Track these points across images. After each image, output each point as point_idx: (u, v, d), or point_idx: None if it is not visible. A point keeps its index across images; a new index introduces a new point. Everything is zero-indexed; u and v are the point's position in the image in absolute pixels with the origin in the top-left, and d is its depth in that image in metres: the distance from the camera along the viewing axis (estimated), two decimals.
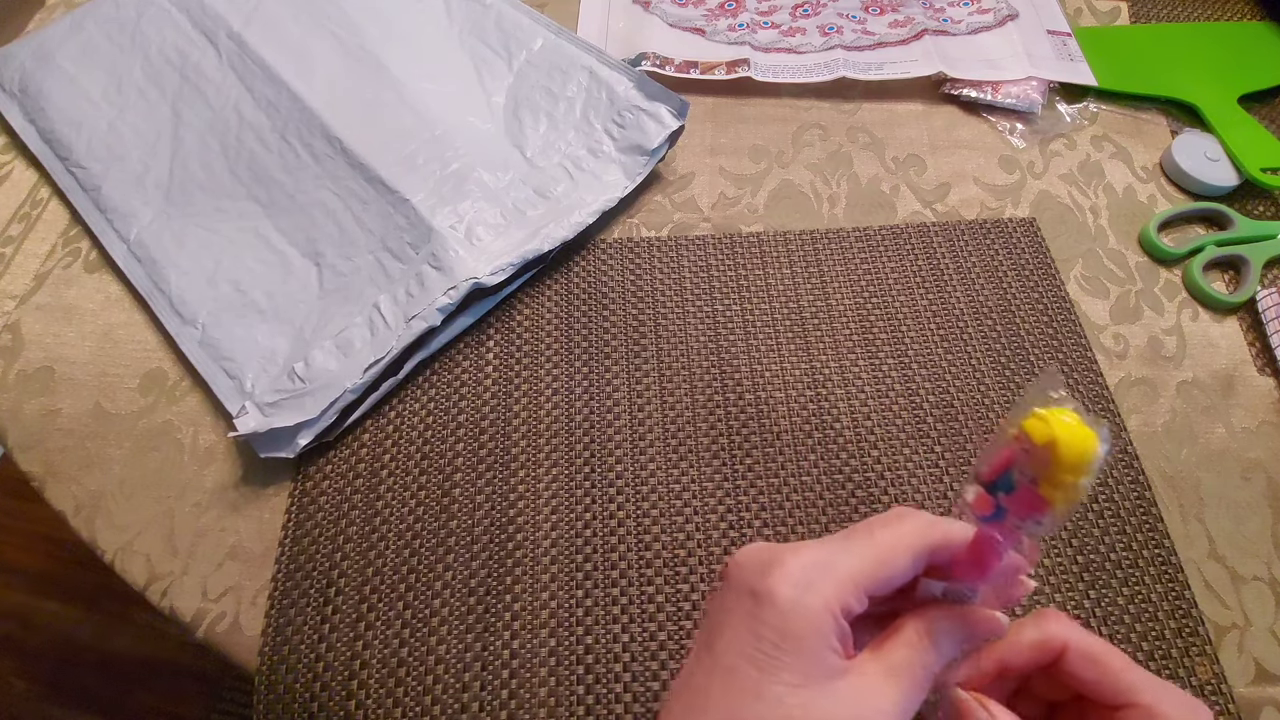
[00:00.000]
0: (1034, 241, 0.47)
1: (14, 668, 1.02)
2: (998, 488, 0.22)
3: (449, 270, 0.41)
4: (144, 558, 0.37)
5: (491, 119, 0.50)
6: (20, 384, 0.42)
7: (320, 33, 0.52)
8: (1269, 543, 0.37)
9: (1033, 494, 0.21)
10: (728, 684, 0.22)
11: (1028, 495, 0.21)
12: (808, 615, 0.22)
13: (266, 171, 0.47)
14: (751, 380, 0.42)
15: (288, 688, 0.34)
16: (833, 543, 0.24)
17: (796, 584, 0.22)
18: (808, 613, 0.22)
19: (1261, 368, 0.43)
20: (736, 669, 0.22)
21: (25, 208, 0.49)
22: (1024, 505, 0.22)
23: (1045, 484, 0.21)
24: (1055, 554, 0.36)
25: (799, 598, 0.22)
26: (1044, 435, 0.21)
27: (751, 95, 0.54)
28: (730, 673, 0.22)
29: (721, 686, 0.22)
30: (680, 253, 0.46)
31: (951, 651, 0.24)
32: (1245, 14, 0.59)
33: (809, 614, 0.22)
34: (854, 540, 0.24)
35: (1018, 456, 0.22)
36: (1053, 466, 0.21)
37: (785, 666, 0.21)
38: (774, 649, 0.22)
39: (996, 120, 0.53)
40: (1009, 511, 0.22)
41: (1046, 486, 0.21)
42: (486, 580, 0.36)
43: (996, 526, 0.23)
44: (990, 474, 0.22)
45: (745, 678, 0.22)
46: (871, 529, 0.24)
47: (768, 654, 0.22)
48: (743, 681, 0.22)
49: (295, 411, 0.38)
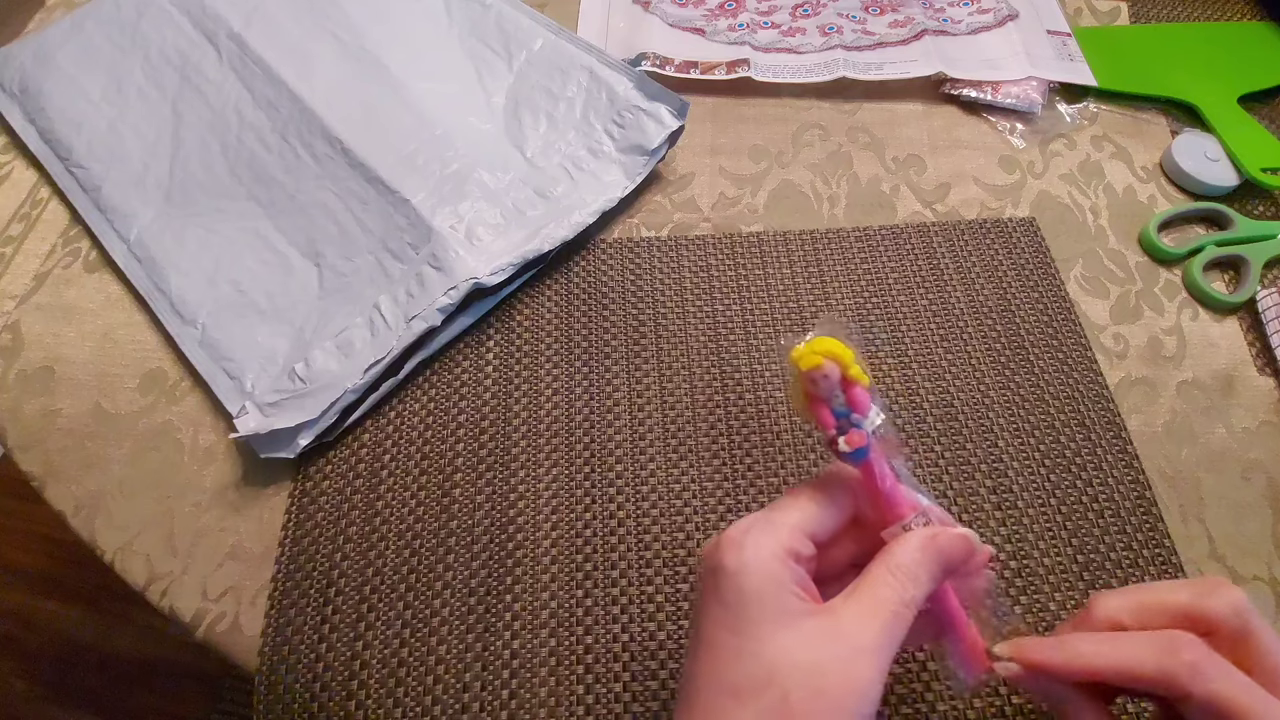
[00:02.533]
0: (1034, 241, 0.47)
1: (14, 668, 1.02)
2: (840, 418, 0.26)
3: (449, 270, 0.41)
4: (144, 558, 0.37)
5: (491, 119, 0.50)
6: (20, 384, 0.42)
7: (320, 33, 0.52)
8: (1269, 543, 0.37)
9: (852, 390, 0.25)
10: (713, 657, 0.23)
11: (853, 395, 0.25)
12: (757, 568, 0.23)
13: (267, 172, 0.47)
14: (751, 380, 0.42)
15: (288, 688, 0.34)
16: (769, 506, 0.26)
17: (740, 545, 0.24)
18: (756, 565, 0.23)
19: (1261, 368, 0.43)
20: (715, 640, 0.23)
21: (25, 208, 0.49)
22: (859, 402, 0.25)
23: (849, 376, 0.25)
24: (1055, 554, 0.37)
25: (744, 556, 0.24)
26: (816, 353, 0.25)
27: (751, 95, 0.54)
28: (711, 646, 0.23)
29: (709, 662, 0.23)
30: (680, 253, 0.46)
31: (928, 581, 0.24)
32: (1245, 14, 0.59)
33: (758, 566, 0.23)
34: (785, 498, 0.26)
35: (821, 389, 0.25)
36: (839, 360, 0.25)
37: (751, 620, 0.23)
38: (736, 607, 0.23)
39: (996, 120, 0.53)
40: (853, 412, 0.25)
41: (853, 374, 0.25)
42: (487, 580, 0.36)
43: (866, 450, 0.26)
44: (829, 418, 0.26)
45: (723, 645, 0.23)
46: (797, 487, 0.26)
47: (733, 614, 0.23)
48: (722, 650, 0.23)
49: (296, 412, 0.38)
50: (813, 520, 0.25)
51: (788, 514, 0.25)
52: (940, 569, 0.25)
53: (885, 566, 0.24)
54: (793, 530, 0.24)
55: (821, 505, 0.26)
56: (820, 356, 0.25)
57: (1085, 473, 0.39)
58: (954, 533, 0.25)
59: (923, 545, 0.25)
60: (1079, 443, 0.40)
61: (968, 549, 0.25)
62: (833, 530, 0.26)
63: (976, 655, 0.26)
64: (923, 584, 0.24)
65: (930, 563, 0.24)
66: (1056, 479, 0.39)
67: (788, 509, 0.25)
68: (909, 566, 0.24)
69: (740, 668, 0.23)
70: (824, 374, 0.25)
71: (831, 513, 0.26)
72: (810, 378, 0.25)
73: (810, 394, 0.26)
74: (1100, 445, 0.40)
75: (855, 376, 0.25)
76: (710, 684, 0.23)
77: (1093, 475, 0.39)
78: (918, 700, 0.33)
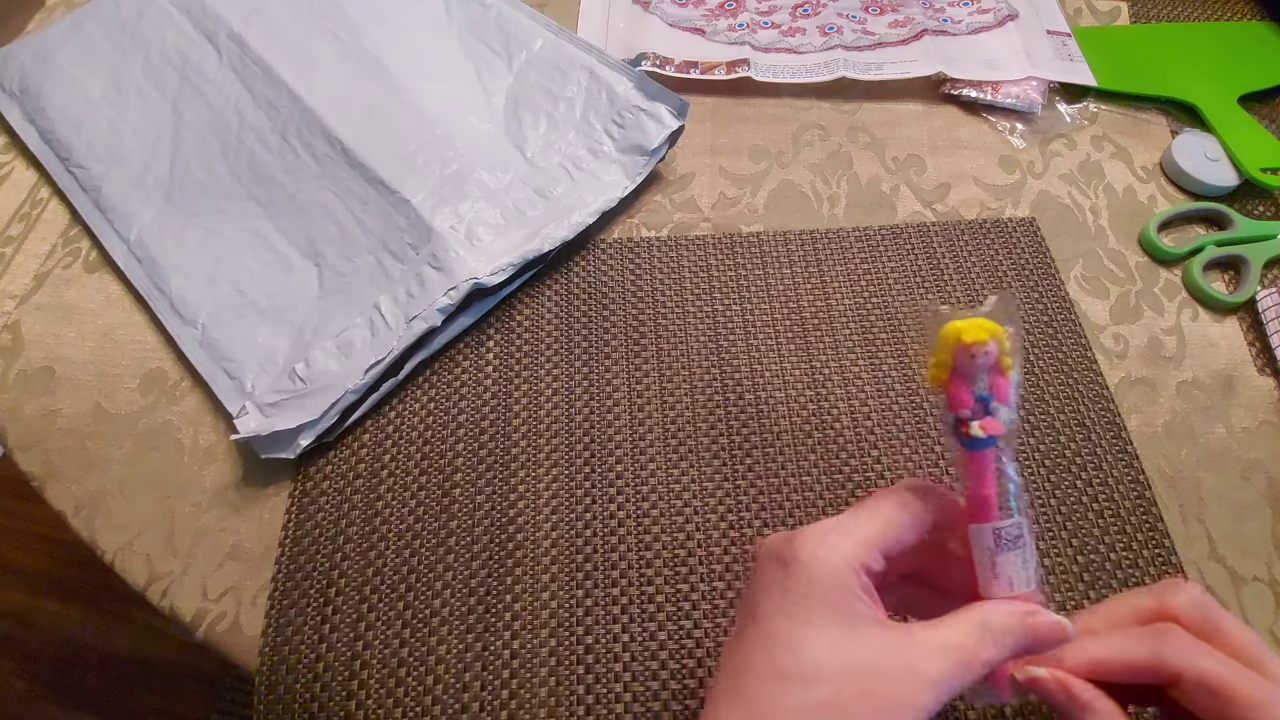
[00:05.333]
0: (1034, 241, 0.47)
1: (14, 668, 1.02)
2: (979, 402, 0.25)
3: (449, 271, 0.41)
4: (144, 558, 0.37)
5: (491, 119, 0.50)
6: (20, 384, 0.42)
7: (320, 33, 0.52)
8: (1269, 543, 0.37)
9: (1001, 378, 0.25)
10: (768, 642, 0.23)
11: (999, 383, 0.25)
12: (829, 567, 0.24)
13: (267, 172, 0.47)
14: (751, 380, 0.42)
15: (288, 688, 0.34)
16: (845, 513, 0.26)
17: (816, 544, 0.24)
18: (829, 565, 0.24)
19: (1261, 368, 0.43)
20: (776, 628, 0.24)
21: (25, 208, 0.49)
22: (1003, 391, 0.25)
23: (1000, 363, 0.24)
24: (1055, 554, 0.37)
25: (819, 553, 0.24)
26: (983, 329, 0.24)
27: (751, 95, 0.54)
28: (769, 632, 0.24)
29: (763, 646, 0.24)
30: (680, 253, 0.46)
31: (1010, 651, 0.24)
32: (1245, 14, 0.59)
33: (830, 566, 0.24)
34: (863, 508, 0.26)
35: (974, 367, 0.24)
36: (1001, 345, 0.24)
37: (813, 612, 0.23)
38: (802, 599, 0.23)
39: (996, 120, 0.53)
40: (994, 399, 0.25)
41: (1005, 362, 0.24)
42: (487, 580, 0.36)
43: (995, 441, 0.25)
44: (969, 398, 0.25)
45: (780, 632, 0.23)
46: (876, 497, 0.26)
47: (797, 604, 0.23)
48: (779, 636, 0.23)
49: (296, 412, 0.38)
50: (890, 536, 0.25)
51: (866, 525, 0.25)
52: (1026, 646, 0.24)
53: (978, 619, 0.24)
54: (870, 544, 0.24)
55: (901, 521, 0.25)
56: (986, 333, 0.24)
57: (1085, 473, 0.39)
58: (1054, 619, 0.25)
59: (1022, 620, 0.24)
60: (1079, 443, 0.40)
61: (1059, 637, 0.25)
62: (905, 548, 0.26)
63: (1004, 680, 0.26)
64: (1004, 651, 0.24)
65: (1022, 635, 0.24)
66: (1056, 479, 0.39)
67: (867, 519, 0.25)
68: (998, 631, 0.24)
69: (794, 655, 0.23)
70: (985, 351, 0.24)
71: (909, 531, 0.25)
72: (970, 352, 0.24)
73: (959, 369, 0.25)
74: (1100, 445, 0.40)
75: (1007, 366, 0.25)
76: (762, 667, 0.23)
77: (1093, 475, 0.39)
78: None
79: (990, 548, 0.25)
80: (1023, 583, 0.25)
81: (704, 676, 0.34)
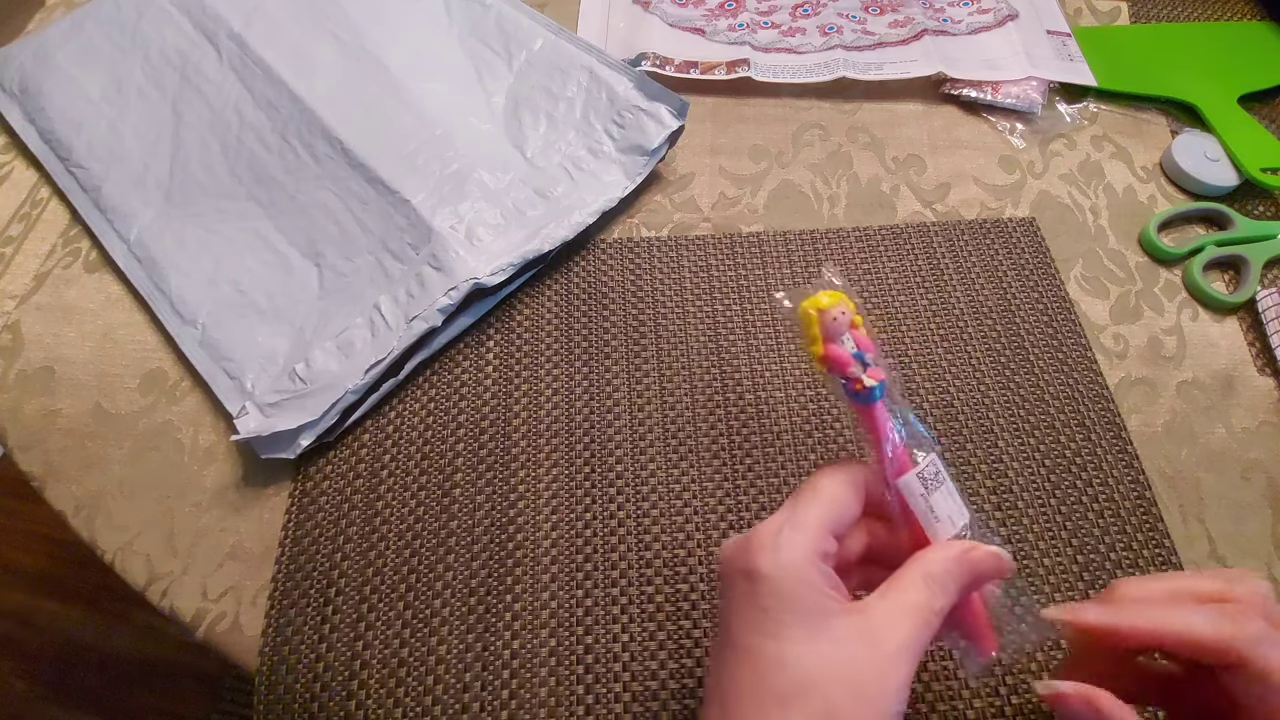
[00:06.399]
0: (1034, 241, 0.47)
1: (14, 668, 1.02)
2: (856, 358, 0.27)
3: (449, 271, 0.41)
4: (144, 558, 0.37)
5: (491, 119, 0.50)
6: (20, 384, 0.42)
7: (320, 33, 0.52)
8: (1269, 543, 0.37)
9: (857, 332, 0.27)
10: (754, 664, 0.23)
11: (859, 338, 0.27)
12: (793, 571, 0.24)
13: (267, 172, 0.47)
14: (751, 380, 0.42)
15: (288, 688, 0.34)
16: (787, 505, 0.26)
17: (773, 549, 0.24)
18: (793, 569, 0.24)
19: (1261, 368, 0.43)
20: (753, 647, 0.24)
21: (25, 208, 0.49)
22: (865, 343, 0.27)
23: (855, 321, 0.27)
24: (1055, 554, 0.37)
25: (778, 560, 0.24)
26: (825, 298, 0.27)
27: (751, 95, 0.54)
28: (750, 652, 0.24)
29: (750, 669, 0.23)
30: (680, 253, 0.46)
31: (956, 592, 0.25)
32: (1245, 14, 0.59)
33: (794, 570, 0.24)
34: (803, 495, 0.26)
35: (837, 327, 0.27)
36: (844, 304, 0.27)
37: (791, 624, 0.23)
38: (778, 613, 0.23)
39: (996, 120, 0.53)
40: (865, 353, 0.27)
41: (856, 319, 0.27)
42: (487, 580, 0.36)
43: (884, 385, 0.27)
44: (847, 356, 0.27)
45: (764, 651, 0.23)
46: (812, 481, 0.27)
47: (775, 620, 0.23)
48: (763, 658, 0.23)
49: (297, 413, 0.38)
50: (835, 515, 0.26)
51: (811, 510, 0.25)
52: (970, 583, 0.25)
53: (919, 573, 0.25)
54: (819, 529, 0.25)
55: (841, 498, 0.26)
56: (834, 298, 0.27)
57: (1085, 473, 0.39)
58: (988, 550, 0.26)
59: (957, 558, 0.25)
60: (1079, 443, 0.40)
61: (999, 566, 0.26)
62: (851, 523, 0.26)
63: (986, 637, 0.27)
64: (951, 594, 0.25)
65: (962, 574, 0.25)
66: (1056, 479, 0.39)
67: (809, 504, 0.26)
68: (941, 576, 0.25)
69: (784, 675, 0.23)
70: (841, 311, 0.27)
71: (850, 505, 0.26)
72: (831, 315, 0.27)
73: (827, 336, 0.27)
74: (1100, 445, 0.40)
75: (859, 322, 0.27)
76: (753, 691, 0.23)
77: (1093, 475, 0.39)
78: (918, 701, 0.33)
79: (922, 493, 0.27)
80: (960, 514, 0.27)
81: (703, 676, 0.34)
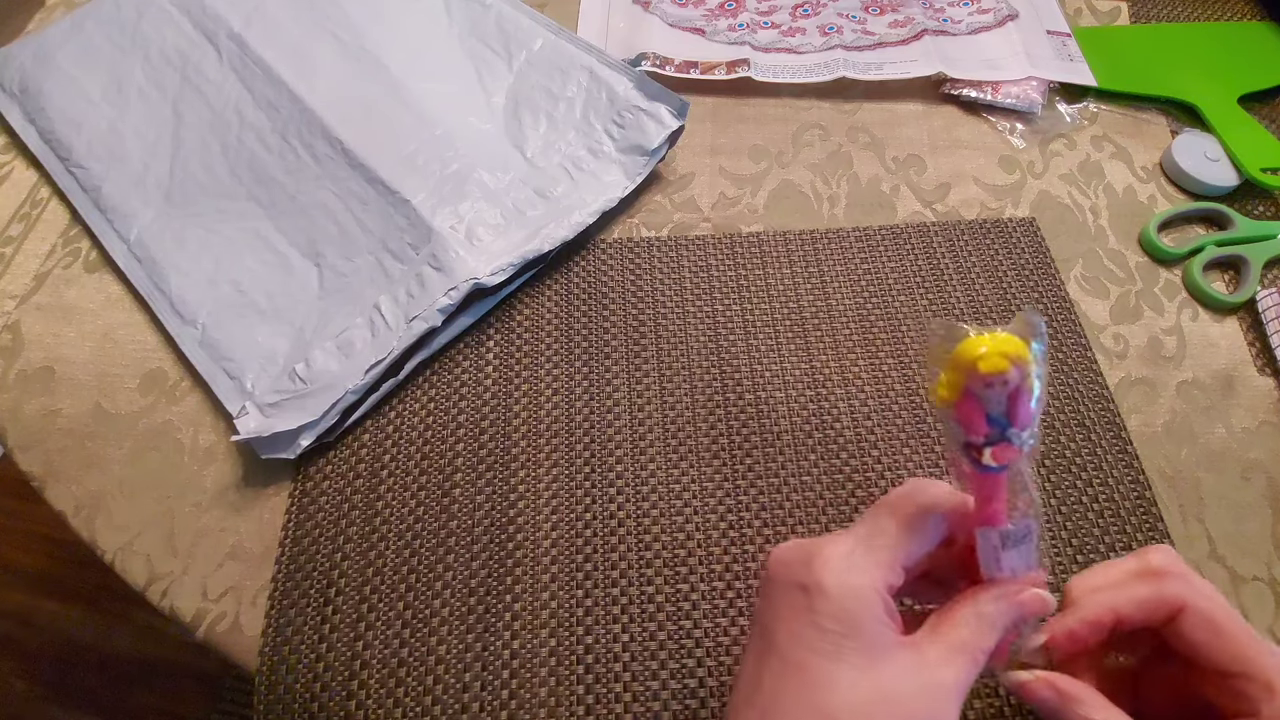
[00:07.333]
0: (1034, 241, 0.47)
1: (14, 668, 1.02)
2: (993, 427, 0.22)
3: (449, 271, 0.41)
4: (144, 558, 0.37)
5: (491, 119, 0.50)
6: (20, 384, 0.42)
7: (320, 33, 0.52)
8: (1269, 543, 0.37)
9: (1020, 400, 0.22)
10: (802, 680, 0.23)
11: (1018, 406, 0.22)
12: (859, 598, 0.23)
13: (267, 172, 0.47)
14: (751, 380, 0.42)
15: (288, 688, 0.34)
16: (861, 527, 0.25)
17: (842, 570, 0.23)
18: (858, 596, 0.23)
19: (1261, 368, 0.43)
20: (806, 664, 0.23)
21: (25, 208, 0.49)
22: (1022, 415, 0.22)
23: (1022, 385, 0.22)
24: (1055, 554, 0.37)
25: (847, 583, 0.23)
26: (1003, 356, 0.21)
27: (751, 95, 0.54)
28: (801, 669, 0.23)
29: (796, 685, 0.23)
30: (680, 253, 0.46)
31: (1003, 632, 0.25)
32: (1245, 14, 0.59)
33: (860, 597, 0.23)
34: (880, 520, 0.25)
35: (990, 395, 0.22)
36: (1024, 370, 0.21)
37: (850, 650, 0.23)
38: (837, 637, 0.23)
39: (996, 120, 0.53)
40: (1012, 425, 0.22)
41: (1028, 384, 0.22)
42: (487, 580, 0.36)
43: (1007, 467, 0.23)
44: (983, 425, 0.22)
45: (818, 671, 0.23)
46: (894, 508, 0.25)
47: (833, 643, 0.23)
48: (816, 675, 0.23)
49: (297, 413, 0.38)
50: (909, 552, 0.25)
51: (886, 540, 0.24)
52: (1014, 625, 0.25)
53: (972, 612, 0.25)
54: (892, 561, 0.24)
55: (923, 533, 0.25)
56: (1007, 361, 0.21)
57: (1085, 473, 0.39)
58: (1034, 594, 0.25)
59: (1010, 601, 0.25)
60: (1079, 443, 0.40)
61: (1041, 609, 0.26)
62: (923, 558, 0.26)
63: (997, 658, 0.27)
64: (998, 634, 0.25)
65: (1011, 616, 0.25)
66: (1057, 479, 0.39)
67: (885, 536, 0.25)
68: (993, 616, 0.25)
69: (836, 696, 0.22)
70: (1004, 380, 0.21)
71: (924, 545, 0.25)
72: (986, 381, 0.21)
73: (971, 392, 0.22)
74: (1100, 445, 0.40)
75: (1029, 387, 0.22)
76: (797, 707, 0.23)
77: (1093, 475, 0.39)
78: None
79: (996, 546, 0.25)
80: (1024, 569, 0.26)
81: (704, 676, 0.34)
